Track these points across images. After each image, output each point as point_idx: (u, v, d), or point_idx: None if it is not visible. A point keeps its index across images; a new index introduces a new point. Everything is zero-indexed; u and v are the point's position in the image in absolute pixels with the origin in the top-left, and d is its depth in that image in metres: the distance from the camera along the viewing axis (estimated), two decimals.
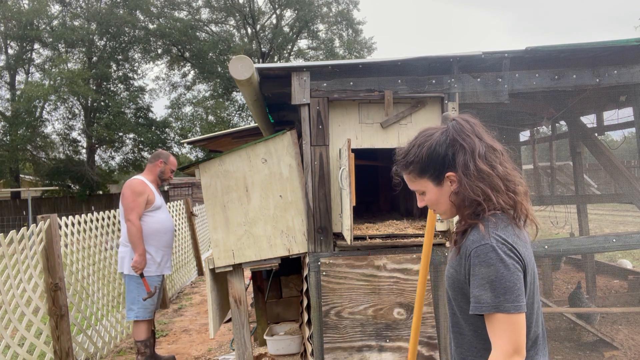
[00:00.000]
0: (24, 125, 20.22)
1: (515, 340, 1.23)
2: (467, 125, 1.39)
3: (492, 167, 1.33)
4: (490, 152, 1.36)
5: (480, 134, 1.38)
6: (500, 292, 1.24)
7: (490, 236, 1.28)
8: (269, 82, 3.40)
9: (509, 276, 1.25)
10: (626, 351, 4.17)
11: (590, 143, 4.97)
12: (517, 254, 1.28)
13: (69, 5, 23.08)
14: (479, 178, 1.33)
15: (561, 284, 6.41)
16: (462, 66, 3.31)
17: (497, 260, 1.26)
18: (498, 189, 1.33)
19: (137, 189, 3.96)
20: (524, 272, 1.30)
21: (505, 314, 1.23)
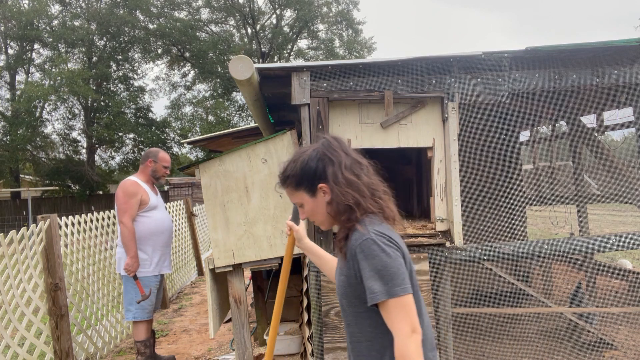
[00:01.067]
0: (24, 125, 20.23)
1: (410, 320, 1.37)
2: (334, 142, 1.57)
3: (357, 176, 1.52)
4: (356, 164, 1.55)
5: (346, 149, 1.58)
6: (388, 278, 1.37)
7: (369, 232, 1.43)
8: (269, 82, 3.40)
9: (392, 263, 1.39)
10: (626, 351, 4.17)
11: (590, 143, 4.97)
12: (395, 243, 1.44)
13: (69, 5, 23.09)
14: (347, 185, 1.50)
15: (561, 284, 6.42)
16: (462, 66, 3.31)
17: (380, 251, 1.40)
18: (365, 194, 1.50)
19: (129, 191, 3.92)
20: (404, 259, 1.46)
21: (396, 298, 1.36)
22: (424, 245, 3.20)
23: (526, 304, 5.16)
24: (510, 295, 5.21)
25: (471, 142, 4.85)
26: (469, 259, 3.28)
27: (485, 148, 5.19)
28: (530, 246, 3.39)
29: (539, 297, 4.10)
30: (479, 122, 4.79)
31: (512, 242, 3.44)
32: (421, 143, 3.33)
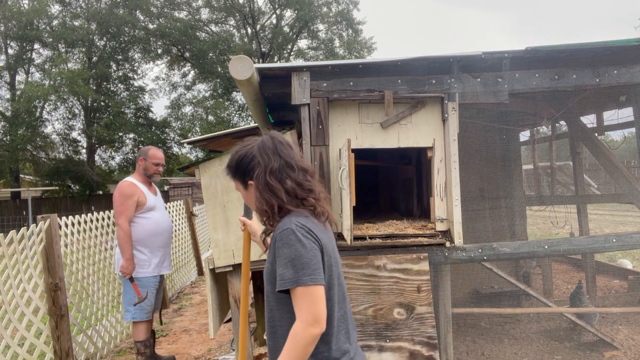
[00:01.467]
0: (24, 125, 20.23)
1: (315, 311, 1.41)
2: (269, 143, 1.63)
3: (280, 181, 1.57)
4: (285, 168, 1.59)
5: (280, 151, 1.61)
6: (299, 267, 1.43)
7: (291, 223, 1.50)
8: (269, 82, 3.40)
9: (306, 254, 1.45)
10: (626, 351, 4.17)
11: (590, 143, 4.97)
12: (314, 236, 1.49)
13: (69, 5, 23.09)
14: (266, 190, 1.57)
15: (561, 284, 6.41)
16: (462, 66, 3.31)
17: (296, 241, 1.46)
18: (283, 200, 1.55)
19: (125, 192, 3.90)
20: (322, 252, 1.50)
21: (303, 287, 1.42)
22: (424, 245, 3.20)
23: (526, 304, 5.16)
24: (510, 295, 5.21)
25: (471, 142, 4.85)
26: (469, 259, 3.28)
27: (485, 148, 5.19)
28: (530, 246, 3.39)
29: (539, 297, 4.10)
30: (479, 122, 4.79)
31: (512, 242, 3.44)
32: (421, 143, 3.33)
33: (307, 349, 1.42)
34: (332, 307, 1.53)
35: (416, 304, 3.06)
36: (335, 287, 1.56)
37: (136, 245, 3.93)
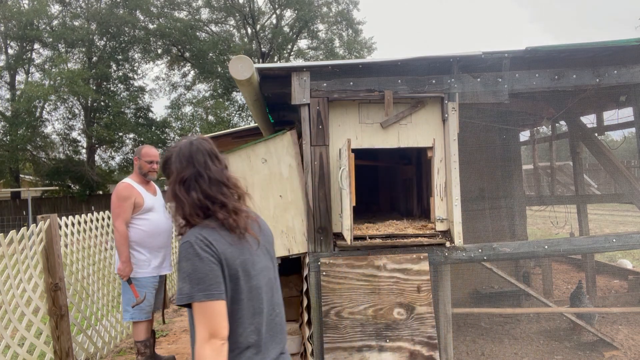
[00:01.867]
0: (24, 125, 20.23)
1: (210, 326, 1.40)
2: (186, 150, 1.60)
3: (187, 191, 1.55)
4: (196, 178, 1.56)
5: (197, 161, 1.58)
6: (195, 282, 1.42)
7: (193, 234, 1.49)
8: (269, 82, 3.40)
9: (202, 268, 1.43)
10: (626, 351, 4.17)
11: (590, 143, 4.97)
12: (213, 249, 1.46)
13: (69, 5, 23.08)
14: (172, 198, 1.58)
15: (561, 284, 6.41)
16: (462, 66, 3.31)
17: (194, 255, 1.44)
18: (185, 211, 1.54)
19: (122, 194, 3.89)
20: (222, 266, 1.46)
21: (198, 303, 1.41)
22: (424, 245, 3.20)
23: (526, 304, 5.16)
24: (510, 295, 5.21)
25: (471, 142, 4.85)
26: (469, 259, 3.28)
27: (485, 148, 5.19)
28: (530, 246, 3.39)
29: (539, 297, 4.10)
30: (479, 122, 4.79)
31: (512, 242, 3.44)
32: (421, 143, 3.33)
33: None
34: (237, 322, 1.50)
35: (416, 304, 3.06)
36: (243, 302, 1.51)
37: (135, 247, 3.92)
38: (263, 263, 1.60)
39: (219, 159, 1.63)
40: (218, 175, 1.59)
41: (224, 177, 1.60)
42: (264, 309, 1.56)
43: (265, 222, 1.74)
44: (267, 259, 1.65)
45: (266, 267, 1.61)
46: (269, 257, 1.66)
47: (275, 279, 1.67)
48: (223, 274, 1.47)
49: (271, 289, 1.62)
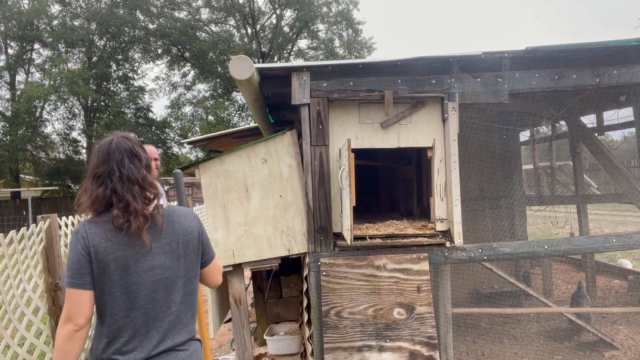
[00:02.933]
0: (24, 125, 20.23)
1: (69, 311, 1.56)
2: (105, 147, 1.70)
3: (97, 186, 1.64)
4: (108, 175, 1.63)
5: (114, 158, 1.66)
6: (67, 269, 1.58)
7: (80, 226, 1.65)
8: (269, 82, 3.40)
9: (71, 257, 1.58)
10: (626, 351, 4.17)
11: (590, 143, 4.97)
12: (86, 242, 1.58)
13: (69, 5, 23.07)
14: (82, 192, 1.70)
15: (561, 284, 6.41)
16: (462, 66, 3.31)
17: (71, 244, 1.61)
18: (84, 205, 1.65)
19: None
20: (90, 258, 1.58)
21: (66, 287, 1.57)
22: (424, 245, 3.20)
23: (526, 304, 5.16)
24: (510, 295, 5.21)
25: (471, 142, 4.85)
26: (469, 259, 3.28)
27: (485, 148, 5.19)
28: (530, 246, 3.39)
29: (539, 297, 4.10)
30: (479, 122, 4.79)
31: (512, 242, 3.44)
32: (421, 143, 3.33)
33: (62, 345, 1.56)
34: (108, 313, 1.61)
35: (416, 304, 3.06)
36: (116, 295, 1.59)
37: None
38: (155, 262, 1.63)
39: (139, 158, 1.69)
40: (132, 174, 1.64)
41: (138, 176, 1.65)
42: (145, 306, 1.62)
43: (189, 221, 1.76)
44: (169, 258, 1.66)
45: (159, 266, 1.64)
46: (172, 257, 1.67)
47: (176, 278, 1.68)
48: (91, 266, 1.57)
49: (166, 287, 1.65)
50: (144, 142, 16.38)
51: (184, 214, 1.77)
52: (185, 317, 1.72)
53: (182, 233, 1.72)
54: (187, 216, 1.78)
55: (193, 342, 1.75)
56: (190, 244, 1.73)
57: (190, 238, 1.73)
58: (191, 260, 1.74)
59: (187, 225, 1.74)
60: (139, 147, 1.73)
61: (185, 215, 1.77)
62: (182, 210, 1.80)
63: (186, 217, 1.76)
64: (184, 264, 1.71)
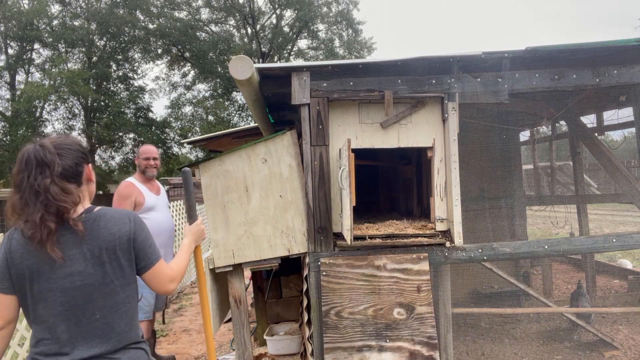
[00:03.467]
0: (24, 125, 20.24)
1: None
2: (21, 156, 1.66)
3: (12, 196, 1.65)
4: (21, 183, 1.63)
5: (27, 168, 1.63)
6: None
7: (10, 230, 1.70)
8: (269, 82, 3.40)
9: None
10: (626, 351, 4.17)
11: (590, 143, 4.97)
12: (5, 247, 1.64)
13: (69, 5, 23.08)
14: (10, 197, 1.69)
15: (561, 284, 6.41)
16: (462, 66, 3.31)
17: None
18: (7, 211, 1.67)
19: (122, 193, 3.91)
20: (7, 264, 1.63)
21: None
22: (424, 245, 3.20)
23: (526, 304, 5.17)
24: (510, 295, 5.21)
25: (471, 142, 4.85)
26: (469, 259, 3.28)
27: (485, 148, 5.19)
28: (530, 246, 3.39)
29: (539, 297, 4.10)
30: (479, 122, 4.79)
31: (512, 242, 3.44)
32: (421, 143, 3.33)
33: None
34: (31, 316, 1.66)
35: (416, 304, 3.06)
36: (35, 299, 1.63)
37: None
38: (74, 269, 1.62)
39: (50, 166, 1.63)
40: (38, 185, 1.62)
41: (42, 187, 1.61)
42: (64, 312, 1.62)
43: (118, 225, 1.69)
44: (91, 265, 1.63)
45: (78, 273, 1.62)
46: (95, 264, 1.64)
47: (101, 285, 1.65)
48: (9, 271, 1.62)
49: (88, 294, 1.63)
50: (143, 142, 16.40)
51: (114, 218, 1.71)
52: (119, 325, 1.69)
53: (107, 239, 1.66)
54: (118, 220, 1.71)
55: (129, 351, 1.71)
56: (117, 249, 1.67)
57: (118, 243, 1.67)
58: (120, 266, 1.68)
59: (114, 230, 1.68)
60: (52, 155, 1.65)
61: (115, 220, 1.70)
62: (114, 214, 1.73)
63: (115, 222, 1.70)
64: (110, 271, 1.66)
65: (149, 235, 1.79)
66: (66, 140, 1.74)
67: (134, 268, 1.73)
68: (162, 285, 1.80)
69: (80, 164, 1.73)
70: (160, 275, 1.79)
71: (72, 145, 1.74)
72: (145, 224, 1.79)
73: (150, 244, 1.77)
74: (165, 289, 1.81)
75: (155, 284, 1.79)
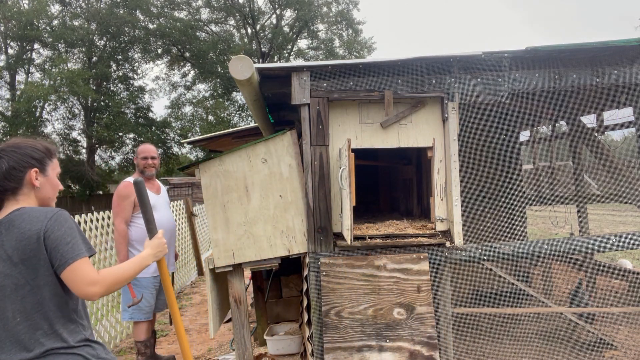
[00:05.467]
0: (24, 125, 20.27)
1: None
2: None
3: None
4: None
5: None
6: None
7: None
8: (269, 82, 3.40)
9: None
10: (626, 351, 4.17)
11: (590, 143, 4.97)
12: None
13: (69, 5, 23.09)
14: None
15: (561, 284, 6.41)
16: (462, 66, 3.31)
17: None
18: None
19: (121, 193, 3.91)
20: None
21: None
22: (424, 245, 3.20)
23: (526, 304, 5.16)
24: (510, 295, 5.21)
25: (471, 142, 4.85)
26: (469, 259, 3.28)
27: (485, 148, 5.19)
28: (530, 246, 3.39)
29: (539, 297, 4.10)
30: (479, 122, 4.79)
31: (512, 242, 3.44)
32: (421, 143, 3.33)
33: None
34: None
35: (416, 304, 3.06)
36: None
37: (135, 245, 3.92)
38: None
39: None
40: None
41: None
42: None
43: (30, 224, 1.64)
44: (6, 266, 1.61)
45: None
46: (9, 264, 1.62)
47: (17, 287, 1.62)
48: None
49: (6, 296, 1.60)
50: (143, 142, 16.42)
51: (30, 217, 1.65)
52: (42, 328, 1.63)
53: (19, 238, 1.61)
54: (32, 219, 1.64)
55: (59, 357, 1.64)
56: (28, 249, 1.61)
57: (28, 243, 1.61)
58: (35, 266, 1.62)
59: (26, 229, 1.62)
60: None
61: (30, 219, 1.64)
62: (33, 213, 1.67)
63: (29, 221, 1.64)
64: (24, 271, 1.61)
65: (68, 232, 1.66)
66: (21, 143, 1.76)
67: (49, 268, 1.64)
68: (80, 287, 1.64)
69: (20, 169, 1.72)
70: (78, 276, 1.63)
71: (22, 148, 1.75)
72: (70, 221, 1.69)
73: (68, 242, 1.64)
74: (84, 292, 1.65)
75: (73, 285, 1.65)
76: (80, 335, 1.71)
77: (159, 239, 2.09)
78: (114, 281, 1.73)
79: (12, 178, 1.71)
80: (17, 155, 1.72)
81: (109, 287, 1.71)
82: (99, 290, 1.67)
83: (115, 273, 1.76)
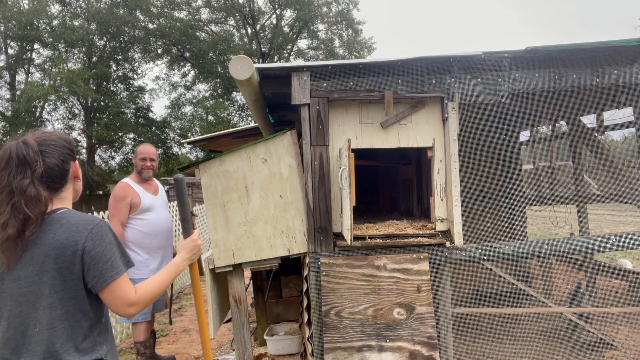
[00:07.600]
0: (24, 125, 20.26)
1: None
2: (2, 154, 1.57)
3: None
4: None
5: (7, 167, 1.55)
6: None
7: None
8: (269, 82, 3.40)
9: None
10: (626, 351, 4.17)
11: (590, 143, 4.97)
12: None
13: (69, 5, 23.09)
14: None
15: (561, 284, 6.41)
16: (462, 66, 3.31)
17: None
18: None
19: (117, 195, 3.88)
20: None
21: None
22: (424, 245, 3.20)
23: (526, 304, 5.16)
24: (510, 295, 5.21)
25: (471, 142, 4.85)
26: (469, 259, 3.28)
27: (485, 148, 5.19)
28: (530, 246, 3.39)
29: (539, 297, 4.09)
30: (479, 122, 4.79)
31: (512, 242, 3.44)
32: (421, 143, 3.33)
33: None
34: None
35: (416, 304, 3.06)
36: None
37: (132, 247, 3.90)
38: (22, 273, 1.52)
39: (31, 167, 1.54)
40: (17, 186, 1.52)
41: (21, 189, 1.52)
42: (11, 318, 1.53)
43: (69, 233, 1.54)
44: (35, 272, 1.52)
45: (25, 278, 1.52)
46: (38, 271, 1.52)
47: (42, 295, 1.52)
48: None
49: (31, 302, 1.52)
50: (143, 142, 16.46)
51: (69, 224, 1.55)
52: (54, 345, 1.52)
53: (53, 246, 1.51)
54: (72, 228, 1.54)
55: None
56: (61, 259, 1.51)
57: (62, 253, 1.51)
58: (64, 278, 1.52)
59: (62, 238, 1.52)
60: (35, 153, 1.55)
61: (68, 227, 1.54)
62: (73, 220, 1.57)
63: (68, 229, 1.54)
64: (50, 281, 1.51)
65: (108, 247, 1.58)
66: (51, 137, 1.63)
67: (80, 282, 1.55)
68: (118, 308, 1.60)
69: (67, 162, 1.64)
70: (116, 296, 1.58)
71: (57, 141, 1.63)
72: (110, 235, 1.61)
73: (108, 259, 1.56)
74: (122, 313, 1.61)
75: (111, 305, 1.60)
76: (95, 355, 1.62)
77: (193, 242, 1.99)
78: (151, 299, 1.69)
79: (64, 174, 1.63)
80: (59, 149, 1.62)
81: (146, 305, 1.68)
82: (137, 311, 1.65)
83: (151, 290, 1.70)
